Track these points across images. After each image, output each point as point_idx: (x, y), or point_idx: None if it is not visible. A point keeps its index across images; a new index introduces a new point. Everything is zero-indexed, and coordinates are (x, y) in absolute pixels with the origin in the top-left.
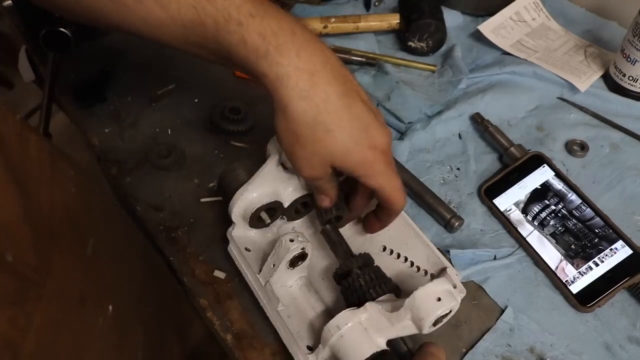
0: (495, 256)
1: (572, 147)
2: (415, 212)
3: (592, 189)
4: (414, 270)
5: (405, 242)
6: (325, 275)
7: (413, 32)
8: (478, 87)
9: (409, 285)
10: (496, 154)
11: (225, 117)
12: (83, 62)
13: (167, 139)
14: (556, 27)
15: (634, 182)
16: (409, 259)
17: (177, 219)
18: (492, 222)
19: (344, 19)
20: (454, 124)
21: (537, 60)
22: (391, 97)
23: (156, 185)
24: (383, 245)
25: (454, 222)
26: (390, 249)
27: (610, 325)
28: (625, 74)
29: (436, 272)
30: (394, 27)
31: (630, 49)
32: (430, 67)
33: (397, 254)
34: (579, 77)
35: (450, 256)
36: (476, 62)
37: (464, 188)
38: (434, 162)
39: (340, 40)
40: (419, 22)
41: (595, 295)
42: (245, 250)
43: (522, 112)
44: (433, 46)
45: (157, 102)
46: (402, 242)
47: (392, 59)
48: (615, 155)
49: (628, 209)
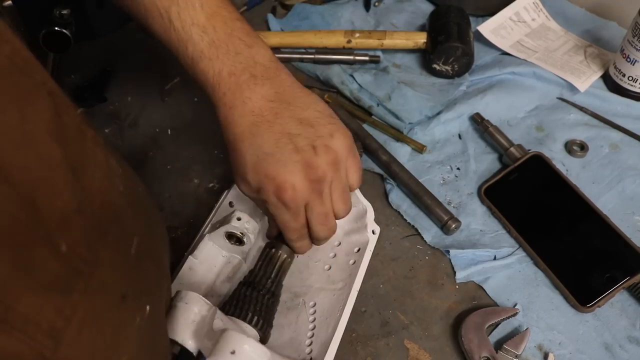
0: (495, 256)
1: (571, 147)
2: (415, 213)
3: (591, 189)
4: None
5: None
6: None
7: (439, 55)
8: (478, 88)
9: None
10: (496, 154)
11: None
12: (83, 62)
13: (167, 139)
14: (556, 28)
15: (633, 182)
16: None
17: (177, 219)
18: (492, 222)
19: (369, 34)
20: (453, 124)
21: (537, 60)
22: (392, 97)
23: (156, 185)
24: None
25: (451, 224)
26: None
27: (610, 325)
28: (625, 74)
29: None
30: (420, 46)
31: (630, 49)
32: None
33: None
34: (578, 77)
35: (450, 256)
36: (476, 63)
37: (464, 188)
38: (434, 163)
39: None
40: (446, 44)
41: (595, 295)
42: (227, 204)
43: (521, 112)
44: (459, 70)
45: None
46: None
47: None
48: (615, 155)
49: (628, 209)
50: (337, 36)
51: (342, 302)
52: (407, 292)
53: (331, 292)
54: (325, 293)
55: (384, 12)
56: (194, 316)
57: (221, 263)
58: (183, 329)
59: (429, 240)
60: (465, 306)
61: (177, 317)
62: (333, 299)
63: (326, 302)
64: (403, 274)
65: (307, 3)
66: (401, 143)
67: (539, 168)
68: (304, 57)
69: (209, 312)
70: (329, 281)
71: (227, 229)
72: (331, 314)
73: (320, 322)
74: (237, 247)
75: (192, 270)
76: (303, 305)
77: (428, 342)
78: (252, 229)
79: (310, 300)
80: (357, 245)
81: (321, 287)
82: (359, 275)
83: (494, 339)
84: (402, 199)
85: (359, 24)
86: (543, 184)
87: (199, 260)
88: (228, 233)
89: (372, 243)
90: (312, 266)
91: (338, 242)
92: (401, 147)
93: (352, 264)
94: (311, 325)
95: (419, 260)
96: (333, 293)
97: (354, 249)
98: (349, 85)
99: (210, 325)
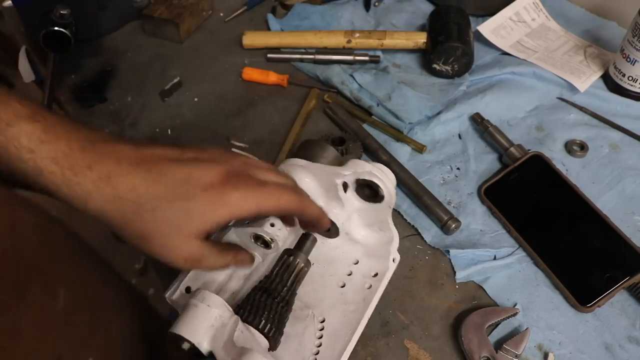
0: (495, 256)
1: (571, 147)
2: (415, 213)
3: (591, 189)
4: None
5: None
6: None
7: (439, 55)
8: (478, 88)
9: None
10: (496, 154)
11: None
12: (83, 62)
13: (167, 139)
14: (556, 28)
15: (633, 182)
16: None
17: None
18: (492, 222)
19: (369, 34)
20: (453, 124)
21: (537, 60)
22: (392, 97)
23: None
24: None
25: (451, 224)
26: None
27: (610, 325)
28: (624, 74)
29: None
30: (420, 46)
31: (630, 49)
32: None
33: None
34: (578, 77)
35: (450, 256)
36: (476, 63)
37: (464, 188)
38: (434, 162)
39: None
40: (446, 44)
41: (595, 295)
42: None
43: (521, 112)
44: (459, 70)
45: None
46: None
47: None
48: (615, 155)
49: (628, 209)
50: (337, 36)
51: (352, 327)
52: (407, 292)
53: (342, 312)
54: (336, 311)
55: (384, 12)
56: (215, 321)
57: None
58: (202, 332)
59: (429, 240)
60: (465, 306)
61: (197, 317)
62: (343, 320)
63: (336, 321)
64: (403, 274)
65: (307, 3)
66: (401, 143)
67: (539, 168)
68: (304, 57)
69: (230, 320)
70: (342, 300)
71: (256, 231)
72: (339, 335)
73: (327, 341)
74: (262, 248)
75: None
76: (312, 318)
77: (428, 342)
78: (282, 236)
79: (319, 315)
80: (376, 270)
81: (333, 304)
82: (373, 302)
83: (494, 338)
84: (402, 198)
85: (359, 24)
86: (543, 184)
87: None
88: (256, 235)
89: (390, 271)
90: (327, 279)
91: (356, 261)
92: (401, 147)
93: (368, 288)
94: (317, 342)
95: (419, 260)
96: (344, 314)
97: (372, 273)
98: (349, 85)
99: (230, 336)
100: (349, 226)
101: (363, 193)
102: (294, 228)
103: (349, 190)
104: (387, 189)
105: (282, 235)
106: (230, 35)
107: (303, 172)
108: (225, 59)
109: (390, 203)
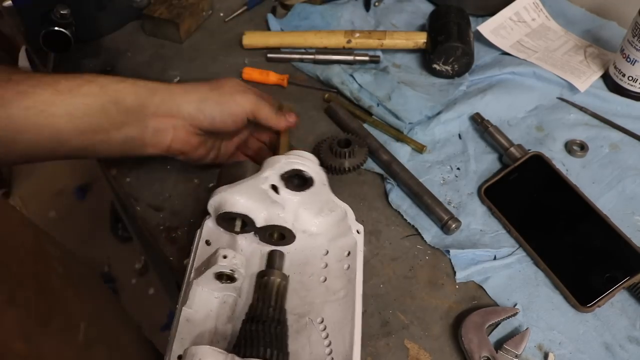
0: (495, 256)
1: (571, 147)
2: (415, 213)
3: (591, 189)
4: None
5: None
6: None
7: (439, 55)
8: (478, 88)
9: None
10: (496, 154)
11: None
12: (83, 62)
13: None
14: (556, 28)
15: (633, 182)
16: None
17: (177, 219)
18: (492, 222)
19: (369, 34)
20: (453, 124)
21: (537, 60)
22: (392, 97)
23: (156, 185)
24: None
25: (451, 224)
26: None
27: (610, 325)
28: (624, 74)
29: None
30: (420, 46)
31: (630, 49)
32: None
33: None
34: (578, 77)
35: (450, 256)
36: (476, 63)
37: (464, 188)
38: (434, 163)
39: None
40: (446, 44)
41: (595, 295)
42: (204, 243)
43: (521, 112)
44: (459, 70)
45: None
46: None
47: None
48: (615, 155)
49: (628, 209)
50: (337, 36)
51: (350, 309)
52: (407, 292)
53: (335, 302)
54: (329, 305)
55: (384, 12)
56: None
57: (216, 305)
58: None
59: (429, 240)
60: (465, 306)
61: None
62: (339, 309)
63: (333, 314)
64: (403, 274)
65: (307, 3)
66: (401, 143)
67: (539, 168)
68: (304, 57)
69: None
70: (329, 292)
71: (215, 270)
72: (342, 324)
73: (334, 335)
74: (230, 284)
75: (190, 322)
76: (310, 323)
77: (428, 342)
78: (240, 263)
79: (316, 317)
80: (346, 249)
81: (323, 300)
82: (358, 278)
83: (494, 338)
84: (402, 198)
85: (359, 24)
86: (543, 184)
87: (194, 309)
88: (217, 274)
89: (360, 243)
90: (308, 282)
91: (325, 251)
92: (401, 147)
93: (347, 269)
94: (326, 342)
95: (419, 260)
96: (337, 303)
97: (344, 254)
98: (349, 85)
99: None
100: (301, 224)
101: (294, 185)
102: (247, 251)
103: (281, 189)
104: (311, 169)
105: (240, 261)
106: (230, 35)
107: (232, 196)
108: (225, 59)
109: (323, 181)
